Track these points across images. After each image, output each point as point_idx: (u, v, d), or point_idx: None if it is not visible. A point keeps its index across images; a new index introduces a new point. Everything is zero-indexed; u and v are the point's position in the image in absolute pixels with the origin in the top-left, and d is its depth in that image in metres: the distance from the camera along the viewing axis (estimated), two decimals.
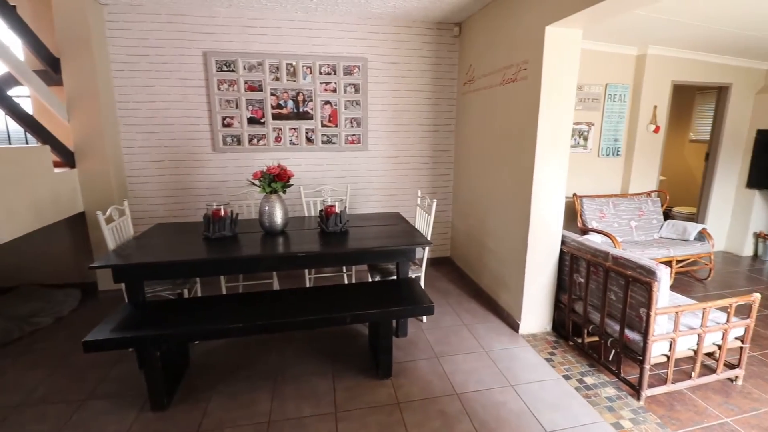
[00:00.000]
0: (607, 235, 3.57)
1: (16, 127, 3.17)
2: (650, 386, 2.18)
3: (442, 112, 4.00)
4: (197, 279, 2.89)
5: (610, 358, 2.46)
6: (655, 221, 4.14)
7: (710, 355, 2.38)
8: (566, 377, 2.37)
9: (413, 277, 2.76)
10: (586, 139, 4.15)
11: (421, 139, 4.00)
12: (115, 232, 2.52)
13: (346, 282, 3.58)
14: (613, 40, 3.85)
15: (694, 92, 5.97)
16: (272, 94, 3.59)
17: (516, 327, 2.89)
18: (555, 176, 2.69)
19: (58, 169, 3.06)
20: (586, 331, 2.58)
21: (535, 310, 2.86)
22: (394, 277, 2.76)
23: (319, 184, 3.81)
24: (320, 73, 3.63)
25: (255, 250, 2.32)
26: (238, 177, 3.69)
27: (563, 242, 2.80)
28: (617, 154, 4.29)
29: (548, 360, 2.54)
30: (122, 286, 2.34)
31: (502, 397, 2.20)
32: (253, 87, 3.55)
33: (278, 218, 2.55)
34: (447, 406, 2.12)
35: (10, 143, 3.48)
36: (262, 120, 3.62)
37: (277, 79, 3.57)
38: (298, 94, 3.64)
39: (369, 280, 2.95)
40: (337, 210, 2.64)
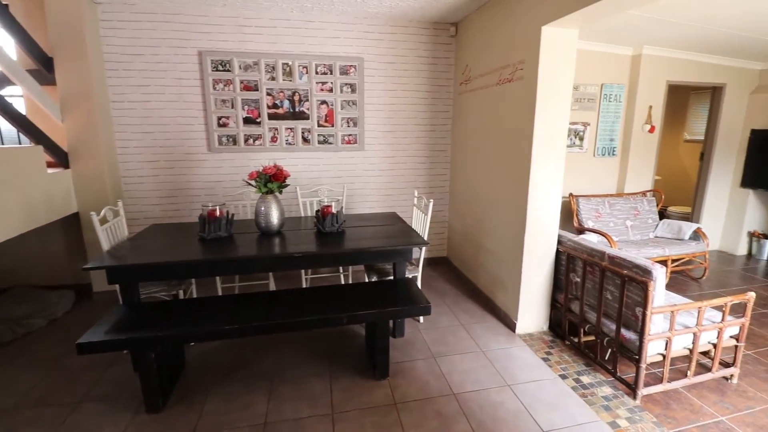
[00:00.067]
0: (603, 234, 3.59)
1: (8, 127, 3.15)
2: (646, 385, 2.19)
3: (439, 112, 4.00)
4: (193, 280, 2.87)
5: (606, 358, 2.46)
6: (651, 221, 4.16)
7: (705, 353, 2.39)
8: (563, 377, 2.38)
9: (410, 277, 2.75)
10: (582, 139, 4.17)
11: (418, 139, 4.00)
12: (109, 232, 2.50)
13: (342, 282, 3.58)
14: (608, 41, 3.87)
15: (689, 92, 6.02)
16: (268, 94, 3.58)
17: (513, 327, 2.89)
18: (551, 176, 2.70)
19: (51, 170, 3.03)
20: (582, 330, 2.59)
21: (532, 309, 2.87)
22: (391, 278, 2.75)
23: (316, 185, 3.79)
24: (316, 72, 3.62)
25: (251, 251, 2.31)
26: (234, 177, 3.67)
27: (559, 242, 2.81)
28: (613, 154, 4.31)
29: (545, 359, 2.55)
30: (117, 287, 2.32)
31: (499, 396, 2.20)
32: (249, 87, 3.53)
33: (274, 219, 2.55)
34: (444, 407, 2.12)
35: (2, 143, 3.46)
36: (258, 120, 3.61)
37: (273, 78, 3.55)
38: (294, 93, 3.62)
39: (366, 280, 2.95)
40: (334, 210, 2.63)
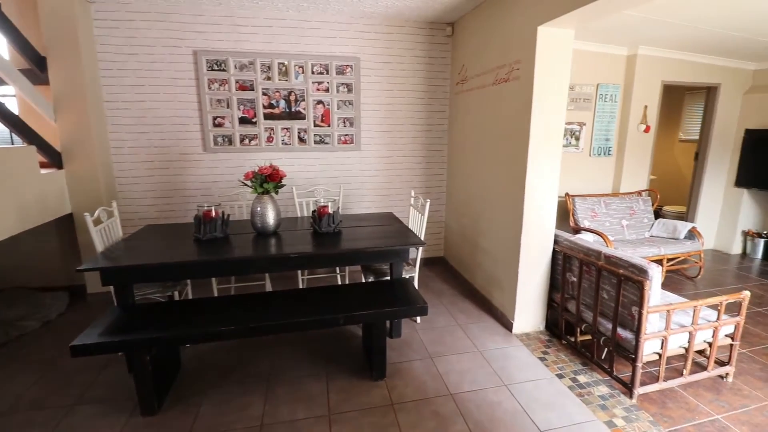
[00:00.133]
0: (599, 234, 3.60)
1: (1, 128, 3.12)
2: (642, 384, 2.20)
3: (435, 112, 4.00)
4: (188, 281, 2.85)
5: (602, 357, 2.47)
6: (646, 220, 4.18)
7: (701, 352, 2.40)
8: (559, 376, 2.38)
9: (407, 277, 2.75)
10: (578, 139, 4.18)
11: (414, 138, 4.00)
12: (103, 233, 2.48)
13: (339, 283, 3.57)
14: (604, 41, 3.88)
15: (684, 92, 6.05)
16: (264, 94, 3.56)
17: (510, 326, 2.90)
18: (547, 176, 2.70)
19: (44, 170, 3.00)
20: (578, 329, 2.59)
21: (529, 309, 2.87)
22: (388, 278, 2.75)
23: (312, 185, 3.78)
24: (312, 72, 3.61)
25: (247, 252, 2.29)
26: (230, 177, 3.65)
27: (556, 241, 2.81)
28: (608, 154, 4.32)
29: (542, 359, 2.55)
30: (111, 289, 2.30)
31: (496, 396, 2.20)
32: (245, 86, 3.51)
33: (270, 219, 2.53)
34: (441, 407, 2.12)
35: None
36: (253, 120, 3.59)
37: (268, 78, 3.53)
38: (290, 93, 3.61)
39: (362, 280, 2.94)
40: (330, 210, 2.62)
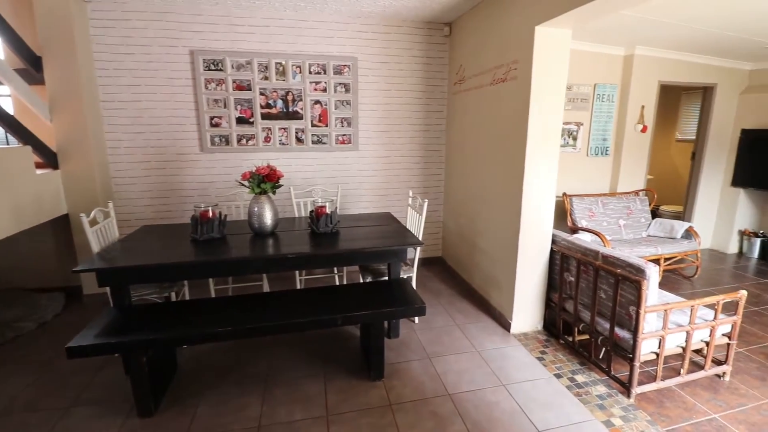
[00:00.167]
0: (597, 233, 3.61)
1: None
2: (640, 383, 2.21)
3: (433, 112, 4.00)
4: (185, 282, 2.84)
5: (600, 356, 2.47)
6: (643, 220, 4.19)
7: (698, 351, 2.41)
8: (557, 376, 2.38)
9: (405, 277, 2.74)
10: (575, 139, 4.19)
11: (412, 138, 4.00)
12: (99, 234, 2.46)
13: (337, 283, 3.55)
14: (601, 41, 3.89)
15: (680, 92, 6.07)
16: (261, 94, 3.55)
17: (507, 326, 2.90)
18: (545, 175, 2.70)
19: (40, 170, 2.98)
20: (576, 329, 2.59)
21: (527, 309, 2.87)
22: (386, 278, 2.74)
23: (310, 185, 3.77)
24: (310, 72, 3.60)
25: (244, 252, 2.28)
26: (227, 178, 3.64)
27: (554, 241, 2.81)
28: (606, 154, 4.33)
29: (540, 359, 2.55)
30: (107, 290, 2.28)
31: (494, 396, 2.20)
32: (242, 86, 3.50)
33: (268, 219, 2.52)
34: (439, 407, 2.12)
35: None
36: (251, 120, 3.58)
37: (266, 78, 3.52)
38: (287, 93, 3.60)
39: (360, 281, 2.93)
40: (328, 211, 2.62)
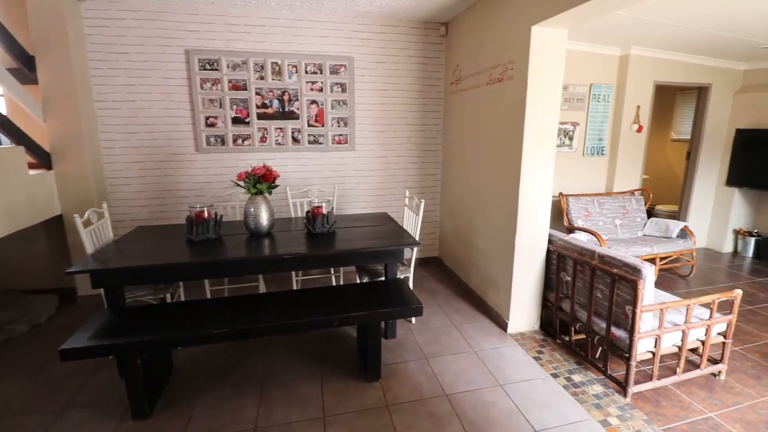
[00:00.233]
0: (593, 233, 3.62)
1: None
2: (636, 383, 2.21)
3: (430, 112, 3.99)
4: (180, 283, 2.82)
5: (597, 356, 2.48)
6: (639, 219, 4.21)
7: (694, 350, 2.42)
8: (554, 375, 2.38)
9: (402, 277, 2.74)
10: (571, 139, 4.20)
11: (409, 138, 3.99)
12: (93, 235, 2.44)
13: (333, 284, 3.55)
14: (597, 41, 3.90)
15: (675, 92, 6.10)
16: (257, 94, 3.53)
17: (504, 326, 2.90)
18: (541, 175, 2.70)
19: (33, 171, 2.95)
20: (573, 329, 2.60)
21: (523, 308, 2.87)
22: (383, 278, 2.73)
23: (306, 185, 3.76)
24: (306, 72, 3.58)
25: (240, 253, 2.27)
26: (223, 178, 3.62)
27: (550, 241, 2.82)
28: (602, 154, 4.35)
29: (536, 359, 2.56)
30: (101, 291, 2.26)
31: (491, 396, 2.20)
32: (238, 86, 3.48)
33: (264, 220, 2.51)
34: (436, 408, 2.11)
35: None
36: (246, 120, 3.56)
37: (262, 78, 3.51)
38: (283, 93, 3.59)
39: (357, 281, 2.93)
40: (324, 211, 2.61)
